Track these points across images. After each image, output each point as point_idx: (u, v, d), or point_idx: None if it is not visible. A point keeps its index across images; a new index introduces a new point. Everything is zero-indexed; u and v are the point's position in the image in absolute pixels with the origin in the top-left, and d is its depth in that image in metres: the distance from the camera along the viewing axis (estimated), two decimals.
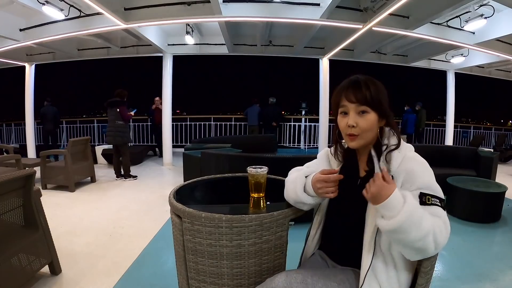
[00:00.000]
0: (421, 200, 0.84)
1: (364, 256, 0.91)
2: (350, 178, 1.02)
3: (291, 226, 1.14)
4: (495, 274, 2.12)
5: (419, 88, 31.21)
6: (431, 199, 0.85)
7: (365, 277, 0.90)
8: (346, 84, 0.97)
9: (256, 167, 1.22)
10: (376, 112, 0.94)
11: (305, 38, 5.34)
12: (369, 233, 0.91)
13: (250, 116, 7.65)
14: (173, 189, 1.28)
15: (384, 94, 0.95)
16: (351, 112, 0.95)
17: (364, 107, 0.93)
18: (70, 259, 2.22)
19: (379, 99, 0.93)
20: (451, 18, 4.46)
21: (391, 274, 0.90)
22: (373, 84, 0.95)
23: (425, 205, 0.84)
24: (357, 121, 0.94)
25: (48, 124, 6.95)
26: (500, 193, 3.14)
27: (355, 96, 0.93)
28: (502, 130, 10.42)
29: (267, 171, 1.24)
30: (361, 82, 0.95)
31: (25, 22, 4.78)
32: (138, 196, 4.05)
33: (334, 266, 1.05)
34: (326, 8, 3.74)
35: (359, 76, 0.98)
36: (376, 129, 0.96)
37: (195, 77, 41.88)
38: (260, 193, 1.23)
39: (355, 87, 0.94)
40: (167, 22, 4.34)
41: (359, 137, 0.95)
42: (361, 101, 0.93)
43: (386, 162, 0.93)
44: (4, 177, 1.64)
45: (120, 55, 6.54)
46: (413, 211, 0.78)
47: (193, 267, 1.12)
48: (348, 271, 0.98)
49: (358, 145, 0.97)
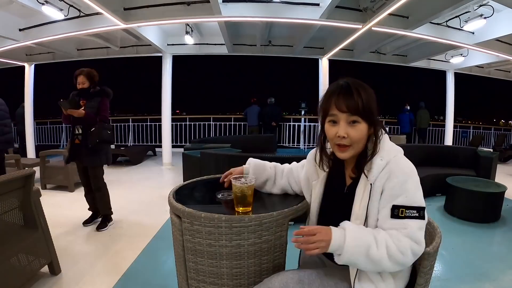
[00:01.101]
0: (392, 214, 0.85)
1: None
2: (336, 186, 1.01)
3: (291, 226, 1.14)
4: (495, 274, 2.12)
5: (419, 88, 31.22)
6: (405, 211, 0.85)
7: (355, 278, 0.90)
8: (336, 90, 0.91)
9: (241, 177, 1.13)
10: (366, 122, 0.90)
11: (304, 38, 5.34)
12: None
13: (249, 116, 7.65)
14: (173, 189, 1.28)
15: (374, 101, 0.91)
16: (341, 122, 0.90)
17: (356, 117, 0.88)
18: (69, 259, 2.22)
19: (370, 107, 0.89)
20: (450, 18, 4.47)
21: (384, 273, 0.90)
22: (364, 90, 0.89)
23: (398, 218, 0.85)
24: (348, 131, 0.89)
25: (20, 125, 7.12)
26: (499, 193, 3.14)
27: (346, 105, 0.88)
28: (502, 130, 10.43)
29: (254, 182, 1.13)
30: (352, 89, 0.88)
31: (24, 22, 4.78)
32: (138, 196, 4.05)
33: (332, 266, 1.05)
34: (326, 8, 3.74)
35: (349, 81, 0.91)
36: (366, 138, 0.93)
37: (194, 77, 41.83)
38: (247, 207, 1.10)
39: (346, 95, 0.88)
40: (167, 22, 4.34)
41: (350, 148, 0.91)
42: (353, 111, 0.87)
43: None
44: (3, 177, 1.65)
45: (120, 55, 6.54)
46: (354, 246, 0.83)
47: (193, 267, 1.12)
48: (345, 271, 0.97)
49: (349, 156, 0.93)
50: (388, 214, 0.86)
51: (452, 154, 4.54)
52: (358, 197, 0.92)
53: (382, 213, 0.88)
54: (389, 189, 0.87)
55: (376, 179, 0.89)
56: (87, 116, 2.62)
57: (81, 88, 2.69)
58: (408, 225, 0.84)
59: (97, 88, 2.73)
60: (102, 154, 2.73)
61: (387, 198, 0.87)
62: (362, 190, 0.91)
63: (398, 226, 0.84)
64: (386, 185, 0.87)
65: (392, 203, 0.86)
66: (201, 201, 1.36)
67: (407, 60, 7.11)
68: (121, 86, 6.52)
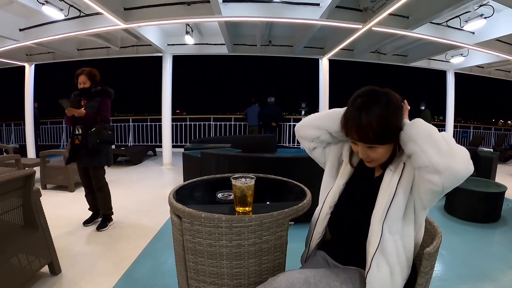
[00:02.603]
0: None
1: (371, 240, 0.91)
2: (365, 173, 1.03)
3: (291, 226, 1.14)
4: (495, 274, 2.12)
5: (419, 88, 31.21)
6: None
7: (372, 258, 0.89)
8: (349, 119, 0.92)
9: (241, 177, 1.13)
10: (384, 144, 0.91)
11: (304, 38, 5.34)
12: (378, 216, 0.91)
13: (250, 116, 7.65)
14: (173, 189, 1.28)
15: (392, 117, 0.89)
16: (360, 146, 0.93)
17: (370, 144, 0.91)
18: (70, 259, 2.22)
19: (385, 134, 0.88)
20: (451, 18, 4.47)
21: (400, 251, 0.90)
22: (376, 114, 0.87)
23: None
24: (367, 153, 0.93)
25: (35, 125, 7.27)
26: (499, 193, 3.14)
27: (359, 137, 0.91)
28: (502, 130, 10.43)
29: (255, 181, 1.13)
30: (362, 123, 0.87)
31: (24, 22, 4.78)
32: (138, 196, 4.05)
33: (336, 266, 1.05)
34: (326, 8, 3.74)
35: (362, 107, 0.89)
36: (390, 151, 0.95)
37: (194, 77, 41.86)
38: (246, 207, 1.11)
39: (358, 126, 0.89)
40: (167, 22, 4.34)
41: (375, 162, 0.96)
42: (366, 141, 0.90)
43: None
44: (4, 177, 1.64)
45: (120, 55, 6.54)
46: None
47: (193, 267, 1.12)
48: (351, 271, 0.97)
49: (375, 165, 0.98)
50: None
51: None
52: (388, 175, 0.94)
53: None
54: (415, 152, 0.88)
55: (407, 160, 0.92)
56: (87, 116, 2.61)
57: (82, 88, 2.68)
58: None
59: (98, 88, 2.72)
60: (102, 155, 2.71)
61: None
62: (394, 168, 0.94)
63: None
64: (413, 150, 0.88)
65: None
66: (201, 201, 1.36)
67: (407, 60, 7.10)
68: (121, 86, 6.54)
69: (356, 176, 1.06)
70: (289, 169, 2.88)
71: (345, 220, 1.03)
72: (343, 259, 1.03)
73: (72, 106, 2.57)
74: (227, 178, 1.58)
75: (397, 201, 0.90)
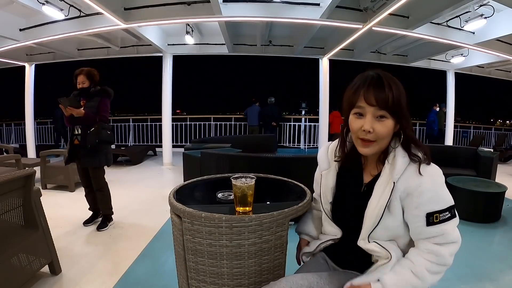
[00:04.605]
0: (428, 221, 0.83)
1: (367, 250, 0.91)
2: (352, 184, 0.97)
3: (291, 226, 1.14)
4: (495, 274, 2.12)
5: (419, 88, 31.22)
6: (439, 216, 0.83)
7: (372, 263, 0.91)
8: (367, 81, 0.85)
9: (242, 177, 1.12)
10: (394, 118, 0.84)
11: (305, 38, 5.34)
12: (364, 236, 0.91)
13: (250, 116, 7.65)
14: (173, 189, 1.28)
15: (405, 97, 0.85)
16: (368, 116, 0.84)
17: (384, 112, 0.83)
18: (70, 259, 2.22)
19: (400, 103, 0.83)
20: (451, 18, 4.47)
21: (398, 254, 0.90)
22: (395, 85, 0.84)
23: (433, 224, 0.83)
24: (374, 126, 0.84)
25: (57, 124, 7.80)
26: (500, 193, 3.14)
27: (376, 98, 0.82)
28: (502, 130, 10.43)
29: (255, 181, 1.12)
30: (384, 81, 0.83)
31: (25, 22, 4.78)
32: (138, 196, 4.05)
33: (335, 269, 1.04)
34: (326, 8, 3.74)
35: (381, 73, 0.85)
36: (391, 136, 0.87)
37: (195, 77, 41.84)
38: (247, 207, 1.10)
39: (377, 87, 0.83)
40: (167, 22, 4.34)
41: (374, 143, 0.86)
42: (382, 105, 0.82)
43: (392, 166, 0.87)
44: (4, 177, 1.64)
45: (120, 55, 6.54)
46: None
47: (193, 267, 1.12)
48: (352, 275, 0.96)
49: (371, 152, 0.88)
50: (423, 223, 0.83)
51: (453, 154, 4.54)
52: (376, 195, 0.87)
53: (415, 222, 0.85)
54: (418, 196, 0.83)
55: (400, 178, 0.84)
56: (86, 115, 2.60)
57: (81, 88, 2.68)
58: (445, 229, 0.83)
59: (97, 88, 2.71)
60: (102, 155, 2.70)
61: (419, 207, 0.83)
62: (383, 187, 0.86)
63: (436, 233, 0.83)
64: (415, 191, 0.83)
65: (426, 211, 0.83)
66: (202, 201, 1.36)
67: (407, 60, 7.10)
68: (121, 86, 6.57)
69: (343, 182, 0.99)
70: (289, 169, 2.88)
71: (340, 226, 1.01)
72: (343, 263, 1.03)
73: (71, 105, 2.56)
74: (227, 178, 1.58)
75: (384, 223, 0.87)
